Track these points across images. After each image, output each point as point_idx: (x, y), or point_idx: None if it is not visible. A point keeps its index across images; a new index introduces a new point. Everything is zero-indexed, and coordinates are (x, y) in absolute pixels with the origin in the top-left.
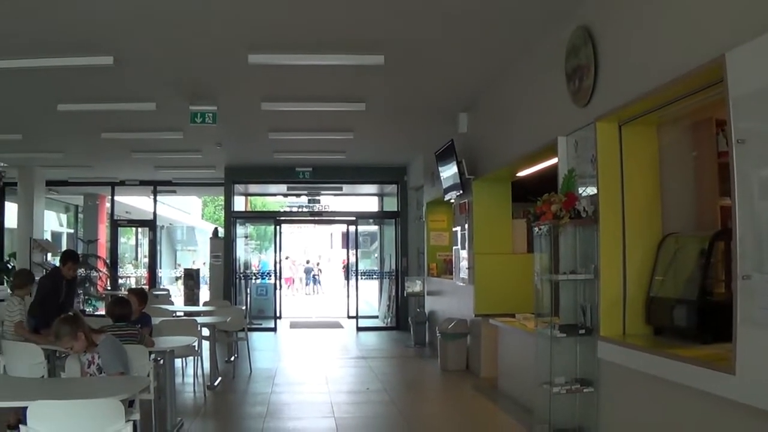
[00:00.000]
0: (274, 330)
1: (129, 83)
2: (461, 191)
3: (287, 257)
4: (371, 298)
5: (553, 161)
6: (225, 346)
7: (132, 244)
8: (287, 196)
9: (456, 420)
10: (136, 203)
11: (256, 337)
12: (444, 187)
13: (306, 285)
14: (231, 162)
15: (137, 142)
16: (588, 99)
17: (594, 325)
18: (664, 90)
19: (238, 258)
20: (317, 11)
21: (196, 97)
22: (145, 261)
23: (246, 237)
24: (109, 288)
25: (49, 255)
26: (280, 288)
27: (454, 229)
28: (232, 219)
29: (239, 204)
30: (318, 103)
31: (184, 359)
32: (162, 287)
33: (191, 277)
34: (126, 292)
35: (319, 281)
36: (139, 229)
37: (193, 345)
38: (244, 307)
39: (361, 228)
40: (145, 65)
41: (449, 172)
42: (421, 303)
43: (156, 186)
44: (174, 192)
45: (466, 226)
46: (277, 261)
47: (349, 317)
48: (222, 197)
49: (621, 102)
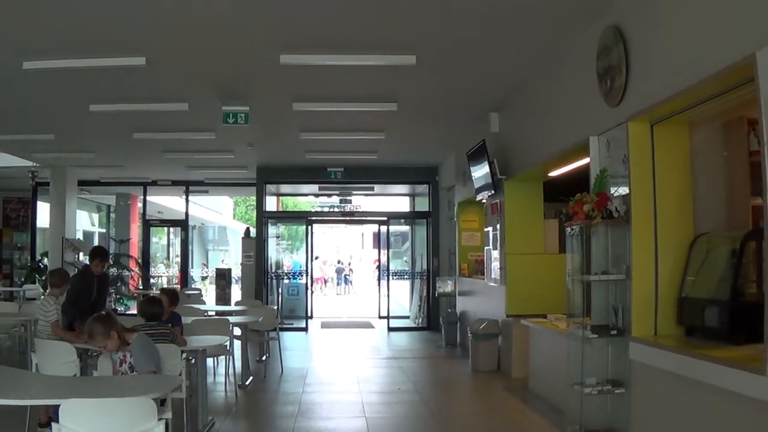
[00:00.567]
0: (305, 330)
1: (161, 84)
2: (493, 191)
3: (317, 257)
4: (402, 298)
5: (585, 161)
6: (256, 345)
7: (164, 243)
8: (319, 196)
9: (487, 420)
10: (168, 203)
11: (287, 337)
12: (476, 187)
13: (337, 285)
14: (263, 162)
15: (169, 142)
16: (620, 99)
17: (626, 326)
18: (695, 89)
19: (269, 258)
20: (349, 11)
21: (228, 98)
22: (177, 261)
23: (277, 237)
24: (141, 287)
25: (81, 254)
26: (311, 288)
27: (485, 230)
28: (263, 219)
29: (271, 204)
30: (349, 103)
31: (215, 358)
32: (194, 287)
33: (223, 277)
34: (157, 291)
35: (351, 281)
36: (171, 229)
37: (225, 344)
38: (275, 307)
39: (393, 228)
40: (178, 66)
41: (481, 172)
42: (453, 303)
43: (188, 186)
44: (206, 192)
45: (497, 226)
46: (309, 261)
47: (380, 317)
48: (254, 197)
49: (652, 102)
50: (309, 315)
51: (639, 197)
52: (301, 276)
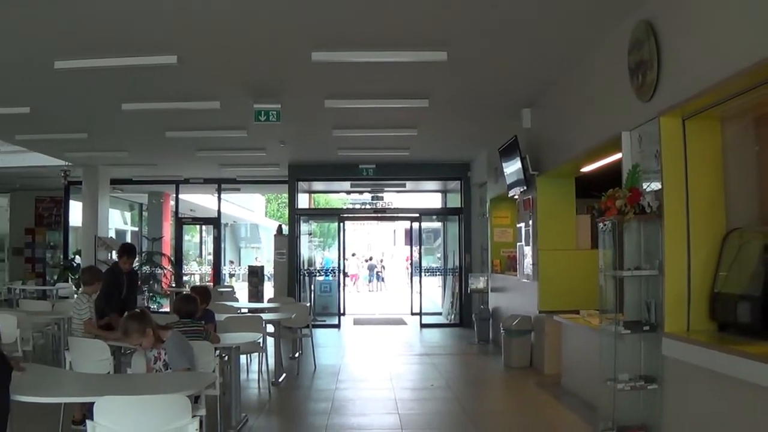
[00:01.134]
0: (337, 327)
1: (193, 82)
2: (525, 187)
3: (354, 254)
4: (434, 294)
5: (617, 157)
6: (289, 342)
7: (196, 241)
8: (350, 193)
9: (519, 417)
10: (200, 201)
11: (319, 334)
12: (508, 183)
13: (369, 282)
14: (295, 159)
15: (201, 140)
16: (651, 94)
17: (658, 322)
18: (726, 84)
19: (301, 255)
20: (380, 8)
21: (260, 96)
22: (210, 258)
23: (309, 234)
24: (174, 285)
25: (114, 252)
26: (343, 284)
27: (518, 226)
28: (296, 216)
29: (303, 201)
30: (381, 100)
31: (248, 355)
32: (226, 284)
33: (255, 274)
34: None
35: (383, 278)
36: (204, 227)
37: (258, 341)
38: (308, 304)
39: (425, 225)
40: (209, 64)
41: (513, 168)
42: (485, 299)
43: (220, 184)
44: (238, 190)
45: (530, 222)
46: (341, 258)
47: (413, 314)
48: (285, 195)
49: (684, 96)
50: (341, 312)
51: (671, 192)
52: (334, 273)
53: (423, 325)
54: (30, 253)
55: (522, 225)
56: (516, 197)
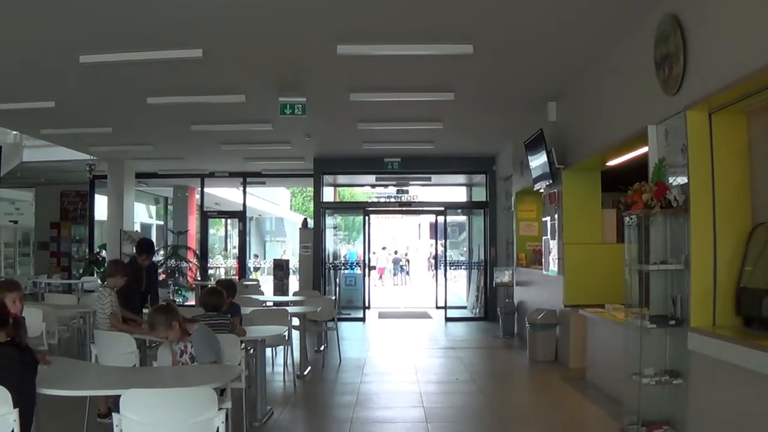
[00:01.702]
0: (362, 320)
1: (218, 76)
2: (551, 181)
3: (384, 247)
4: (459, 288)
5: (643, 150)
6: (314, 335)
7: (221, 235)
8: (375, 186)
9: (544, 411)
10: (225, 195)
11: (344, 327)
12: (533, 177)
13: (394, 275)
14: (320, 153)
15: (227, 134)
16: (678, 87)
17: (684, 316)
18: (754, 77)
19: (326, 248)
20: (406, 1)
21: (285, 89)
22: (235, 252)
23: (335, 228)
24: (199, 278)
25: None
26: (368, 278)
27: (543, 219)
28: (321, 210)
29: (328, 195)
30: (406, 93)
31: (274, 349)
32: (251, 277)
33: (281, 268)
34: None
35: (407, 271)
36: (229, 220)
37: (284, 334)
38: (333, 297)
39: (450, 218)
40: (234, 58)
41: (539, 161)
42: (510, 293)
43: (245, 177)
44: (263, 183)
45: (555, 216)
46: (366, 251)
47: (437, 307)
48: (310, 188)
49: (711, 90)
50: (366, 305)
51: (698, 187)
52: (359, 266)
53: (448, 319)
54: (55, 247)
55: (547, 219)
56: (541, 191)
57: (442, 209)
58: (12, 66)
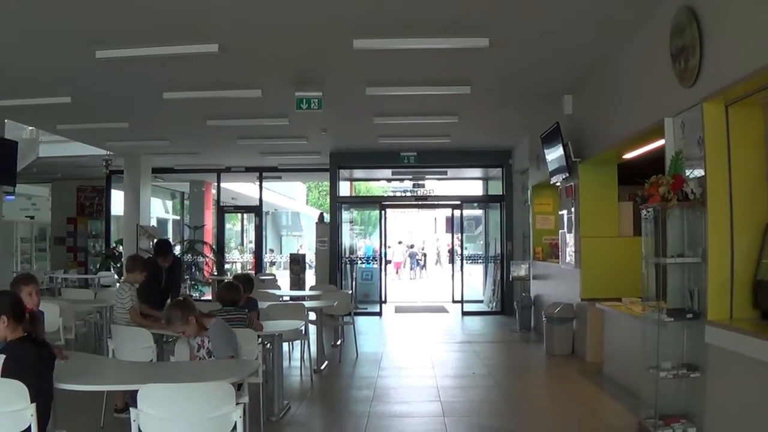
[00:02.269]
0: (379, 314)
1: (234, 71)
2: (567, 174)
3: (400, 242)
4: (476, 282)
5: (659, 143)
6: (331, 330)
7: (237, 229)
8: (391, 180)
9: (561, 405)
10: (241, 189)
11: (361, 322)
12: (550, 170)
13: (411, 270)
14: (336, 147)
15: (243, 128)
16: (694, 79)
17: (701, 309)
18: None
19: (343, 243)
20: None
21: (301, 83)
22: (251, 246)
23: (351, 222)
24: (215, 273)
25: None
26: (385, 272)
27: (560, 213)
28: (337, 204)
29: (344, 189)
30: (423, 87)
31: (290, 343)
32: (268, 272)
33: (297, 262)
34: (231, 277)
35: (424, 265)
36: (245, 215)
37: (301, 329)
38: (350, 292)
39: (466, 212)
40: (250, 52)
41: (555, 154)
42: (527, 287)
43: (261, 172)
44: (279, 178)
45: (572, 209)
46: (383, 245)
47: (454, 302)
48: (326, 183)
49: (727, 82)
50: (383, 299)
51: (714, 179)
52: (375, 261)
53: (464, 313)
54: (72, 243)
55: (564, 212)
56: (558, 184)
57: (458, 203)
58: (28, 62)
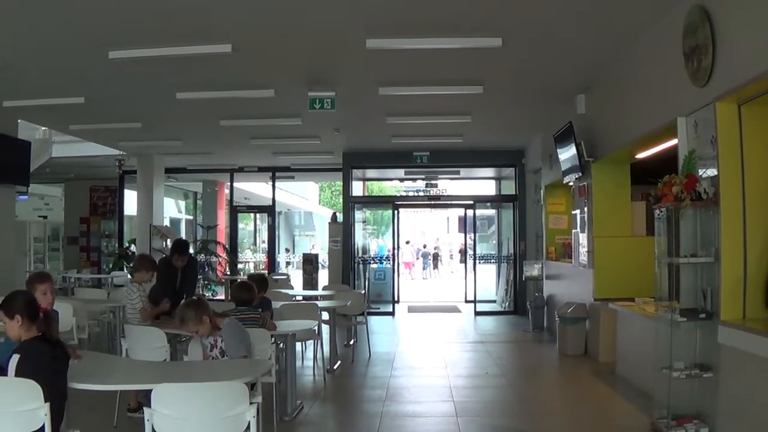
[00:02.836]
0: (392, 314)
1: (247, 71)
2: (580, 174)
3: (408, 242)
4: (489, 282)
5: (672, 143)
6: (344, 329)
7: (250, 229)
8: (404, 180)
9: (574, 405)
10: (254, 189)
11: (374, 321)
12: (562, 170)
13: (423, 269)
14: (349, 147)
15: (256, 128)
16: (707, 79)
17: (714, 309)
18: None
19: (356, 243)
20: None
21: (314, 84)
22: (264, 246)
23: (363, 222)
24: (228, 273)
25: (169, 241)
26: (398, 272)
27: (573, 212)
28: (350, 204)
29: (357, 189)
30: (435, 87)
31: (303, 343)
32: (281, 272)
33: (310, 262)
34: (245, 277)
35: (437, 265)
36: (258, 215)
37: (314, 329)
38: (363, 291)
39: (479, 212)
40: (263, 52)
41: (568, 154)
42: (540, 287)
43: (274, 172)
44: (292, 178)
45: (585, 209)
46: (395, 245)
47: (467, 301)
48: (339, 182)
49: (740, 81)
50: (396, 299)
51: (727, 179)
52: (388, 260)
53: (477, 313)
54: (85, 242)
55: (577, 212)
56: (571, 184)
57: (471, 203)
58: (42, 62)
